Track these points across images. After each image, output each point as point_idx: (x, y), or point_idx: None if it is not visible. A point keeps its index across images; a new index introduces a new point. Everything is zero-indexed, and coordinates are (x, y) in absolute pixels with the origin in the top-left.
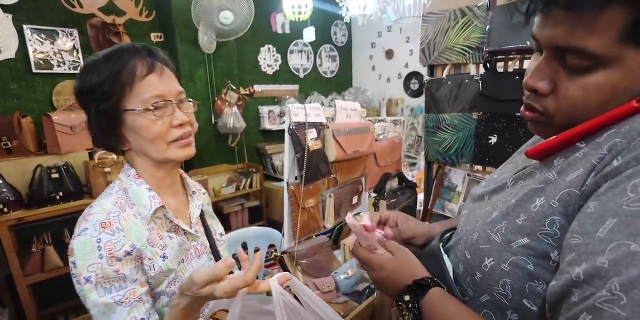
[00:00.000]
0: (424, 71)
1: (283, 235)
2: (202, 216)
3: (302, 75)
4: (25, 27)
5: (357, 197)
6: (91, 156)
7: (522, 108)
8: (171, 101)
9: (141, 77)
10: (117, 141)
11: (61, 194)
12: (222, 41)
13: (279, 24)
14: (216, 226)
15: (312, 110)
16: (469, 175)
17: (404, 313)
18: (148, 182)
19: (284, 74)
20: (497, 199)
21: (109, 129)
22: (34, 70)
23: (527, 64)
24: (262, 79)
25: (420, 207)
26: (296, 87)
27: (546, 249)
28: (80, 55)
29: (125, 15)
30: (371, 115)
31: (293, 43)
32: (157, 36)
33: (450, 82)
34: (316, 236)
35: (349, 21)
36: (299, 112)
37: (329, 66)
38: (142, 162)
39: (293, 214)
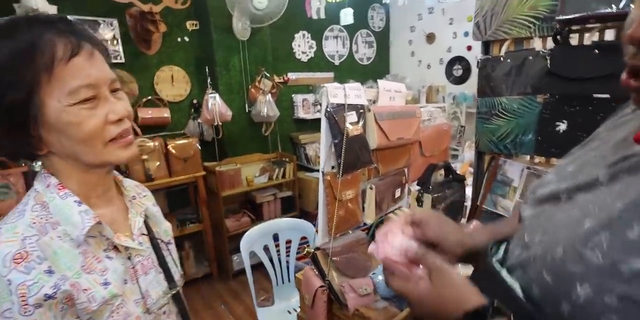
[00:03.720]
0: (468, 55)
1: (316, 230)
2: (146, 224)
3: (337, 62)
4: (69, 17)
5: (399, 189)
6: None
7: (624, 75)
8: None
9: (64, 59)
10: (30, 144)
11: None
12: (256, 27)
13: (313, 8)
14: (164, 232)
15: (352, 91)
16: (528, 168)
17: None
18: (75, 191)
19: (319, 61)
20: (586, 200)
21: (18, 130)
22: None
23: (609, 35)
24: (296, 66)
25: (467, 202)
26: (331, 74)
27: None
28: (119, 45)
29: (162, 3)
30: (410, 103)
31: (328, 28)
32: (193, 24)
33: (509, 60)
34: (352, 231)
35: (388, 1)
36: (337, 92)
37: (365, 52)
38: (67, 168)
39: (328, 207)
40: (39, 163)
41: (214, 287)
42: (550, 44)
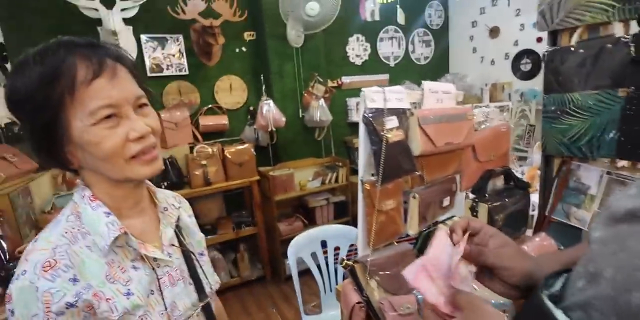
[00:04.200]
0: (538, 48)
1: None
2: (178, 234)
3: (392, 64)
4: (142, 36)
5: (448, 198)
6: (192, 150)
7: None
8: (126, 110)
9: (85, 82)
10: (62, 159)
11: (166, 183)
12: (309, 33)
13: (367, 10)
14: (197, 243)
15: (392, 94)
16: (608, 173)
17: None
18: (106, 203)
19: (373, 64)
20: None
21: (49, 147)
22: (149, 74)
23: None
24: (350, 70)
25: (533, 211)
26: (386, 76)
27: None
28: (184, 58)
29: (221, 17)
30: (471, 103)
31: (383, 30)
32: (250, 34)
33: (582, 50)
34: (397, 243)
35: None
36: (376, 96)
37: (422, 52)
38: (97, 181)
39: (367, 217)
40: None
41: (267, 290)
42: (634, 28)
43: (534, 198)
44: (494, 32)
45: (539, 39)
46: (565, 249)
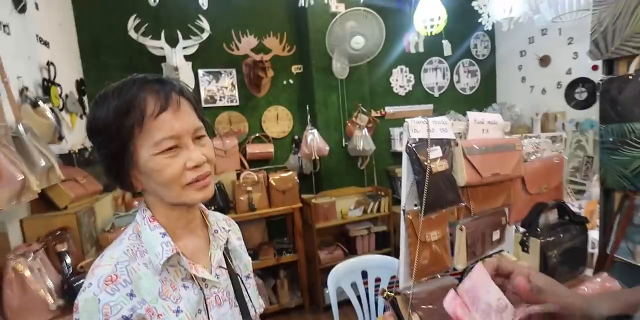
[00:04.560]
0: (594, 76)
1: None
2: (226, 256)
3: (436, 94)
4: (199, 70)
5: (498, 231)
6: (239, 176)
7: None
8: (186, 140)
9: (153, 115)
10: (128, 183)
11: (213, 208)
12: (354, 66)
13: (411, 43)
14: (244, 266)
15: (436, 125)
16: None
17: None
18: (163, 224)
19: (417, 94)
20: None
21: (118, 171)
22: (203, 105)
23: None
24: (394, 100)
25: (593, 249)
26: (430, 106)
27: None
28: (236, 90)
29: (271, 53)
30: (520, 133)
31: (427, 61)
32: (297, 68)
33: None
34: (441, 276)
35: (490, 28)
36: (419, 126)
37: (467, 82)
38: (156, 203)
39: (410, 248)
40: None
41: (305, 319)
42: None
43: (594, 234)
44: (545, 60)
45: (595, 67)
46: (627, 288)
